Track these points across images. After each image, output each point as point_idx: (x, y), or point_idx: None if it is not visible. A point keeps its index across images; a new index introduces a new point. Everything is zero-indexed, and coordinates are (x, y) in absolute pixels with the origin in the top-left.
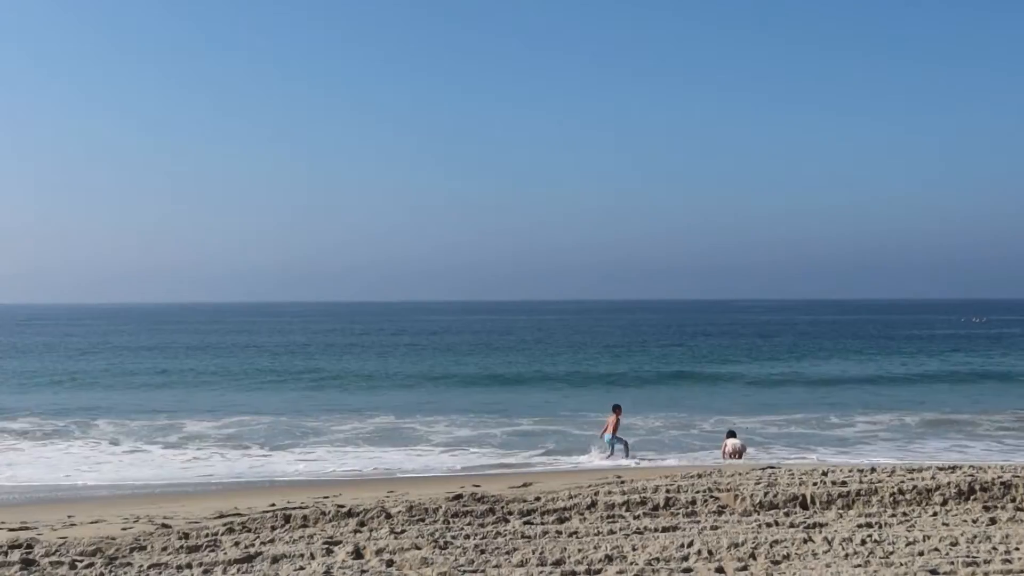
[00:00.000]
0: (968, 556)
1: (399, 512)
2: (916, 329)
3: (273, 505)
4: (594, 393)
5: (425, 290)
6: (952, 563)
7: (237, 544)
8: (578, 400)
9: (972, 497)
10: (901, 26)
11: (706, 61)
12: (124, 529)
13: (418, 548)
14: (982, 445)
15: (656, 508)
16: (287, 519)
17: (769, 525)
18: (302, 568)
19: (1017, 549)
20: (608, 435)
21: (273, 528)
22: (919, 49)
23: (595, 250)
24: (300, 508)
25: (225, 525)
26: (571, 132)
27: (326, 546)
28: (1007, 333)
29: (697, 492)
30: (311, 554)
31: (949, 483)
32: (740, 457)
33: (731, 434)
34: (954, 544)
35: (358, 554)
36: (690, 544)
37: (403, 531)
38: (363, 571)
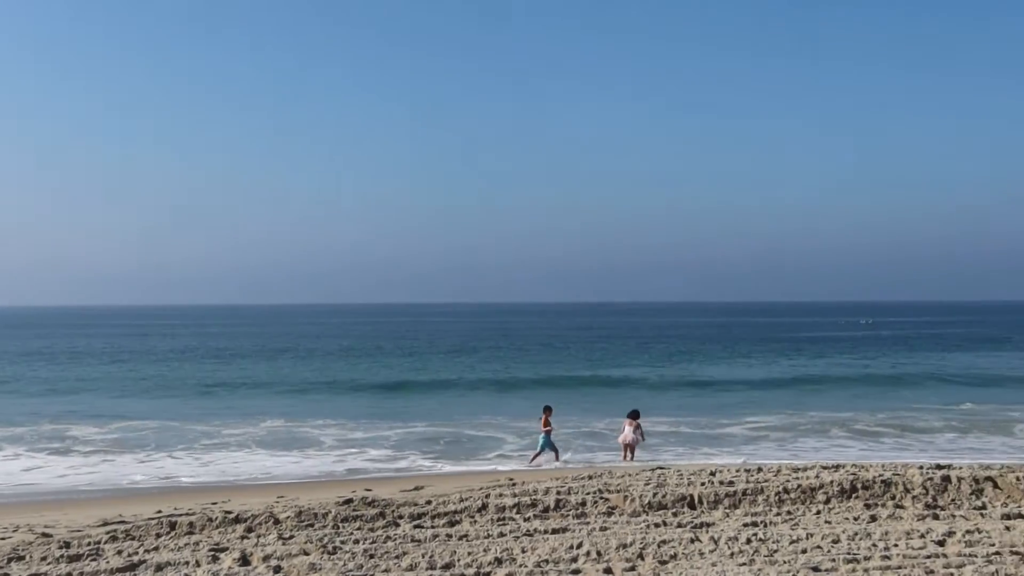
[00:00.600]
0: (849, 553)
1: (288, 517)
2: (806, 331)
3: (160, 512)
4: (489, 396)
5: (307, 293)
6: (834, 560)
7: (120, 552)
8: (473, 403)
9: (854, 495)
10: (746, 24)
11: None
12: (2, 539)
13: (306, 554)
14: (862, 445)
15: (546, 510)
16: (173, 526)
17: (657, 525)
18: None
19: (896, 545)
20: (542, 435)
21: (158, 535)
22: (766, 47)
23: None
24: (187, 515)
25: (108, 533)
26: (409, 127)
27: (212, 553)
28: (893, 335)
29: (587, 493)
30: (196, 561)
31: (832, 481)
32: (633, 451)
33: (633, 414)
34: (836, 541)
35: (245, 561)
36: (579, 545)
37: (291, 537)
38: None
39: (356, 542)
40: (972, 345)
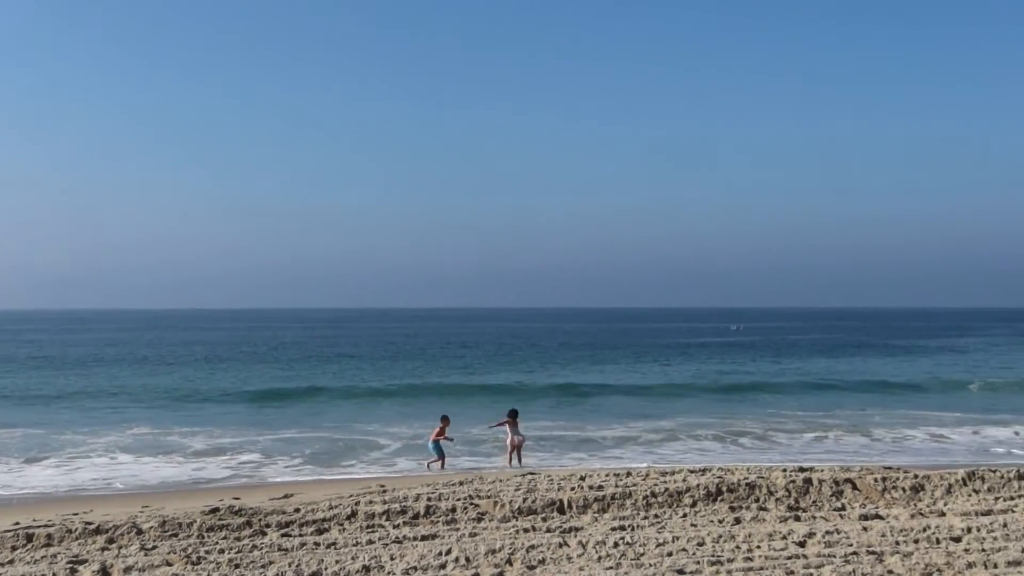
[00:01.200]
0: (713, 555)
1: (151, 527)
2: (678, 337)
3: (17, 523)
4: (359, 403)
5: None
6: (698, 563)
7: None
8: (345, 411)
9: (720, 498)
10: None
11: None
12: None
13: (169, 564)
14: (727, 448)
15: (416, 516)
16: (30, 538)
17: (527, 531)
18: None
19: (759, 547)
20: (431, 442)
21: (14, 548)
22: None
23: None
24: (45, 526)
25: None
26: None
27: (71, 565)
28: (761, 341)
29: (458, 499)
30: (53, 574)
31: (699, 485)
32: (519, 450)
33: (513, 413)
34: (701, 544)
35: (104, 573)
36: (448, 552)
37: (154, 547)
38: None
39: (221, 552)
40: (836, 351)
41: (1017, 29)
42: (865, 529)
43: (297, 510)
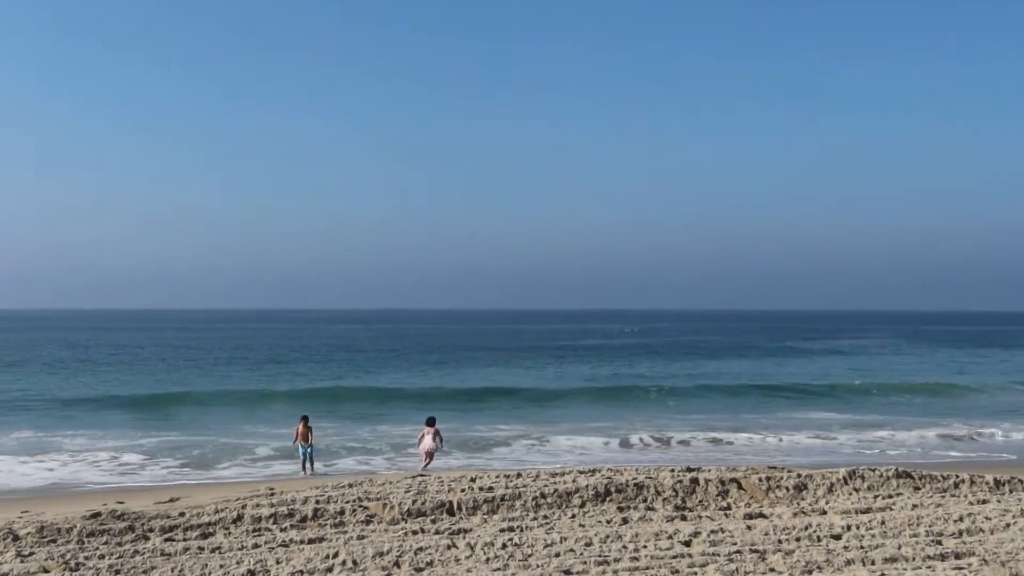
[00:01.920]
0: (600, 555)
1: (29, 533)
2: (571, 339)
3: None
4: (242, 407)
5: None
6: (585, 563)
7: None
8: (229, 413)
9: (608, 498)
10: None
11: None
12: None
13: (46, 571)
14: (617, 450)
15: (304, 520)
16: None
17: (415, 532)
18: None
19: (645, 547)
20: (301, 445)
21: None
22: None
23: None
24: None
25: None
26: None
27: None
28: (653, 342)
29: (347, 502)
30: None
31: (588, 486)
32: (432, 457)
33: (431, 421)
34: (588, 544)
35: None
36: (335, 555)
37: (31, 554)
38: None
39: (101, 557)
40: (723, 353)
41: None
42: (749, 528)
43: (182, 514)
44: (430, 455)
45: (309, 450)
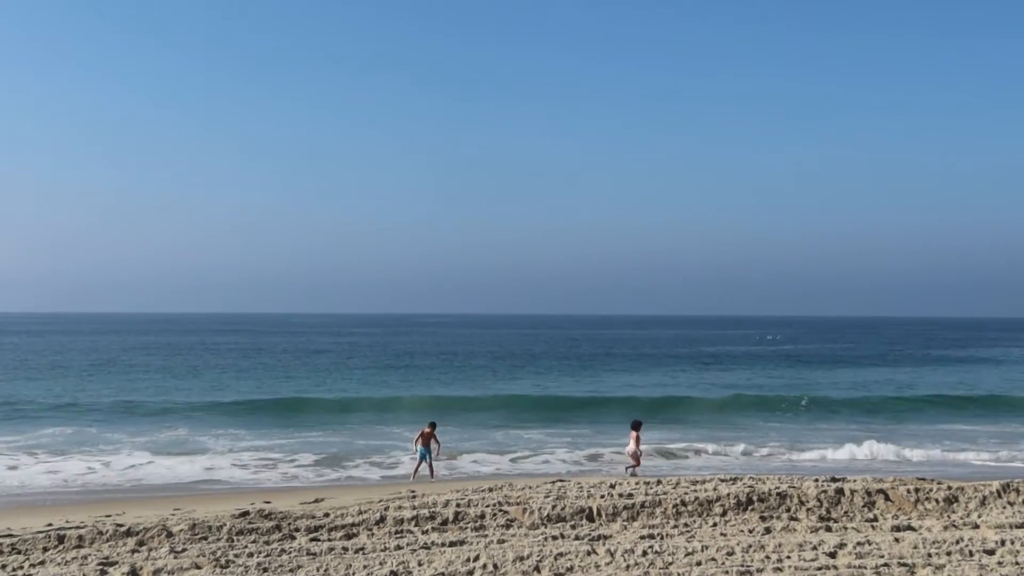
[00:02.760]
0: (743, 565)
1: (181, 530)
2: (710, 346)
3: (50, 525)
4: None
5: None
6: (727, 572)
7: (4, 567)
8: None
9: (750, 507)
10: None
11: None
12: None
13: (198, 567)
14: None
15: (445, 522)
16: (61, 539)
17: (555, 538)
18: None
19: (789, 557)
20: (421, 447)
21: (45, 549)
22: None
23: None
24: (76, 528)
25: None
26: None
27: (101, 567)
28: (795, 350)
29: (487, 506)
30: (84, 575)
31: (729, 494)
32: (638, 460)
33: (636, 425)
34: (730, 554)
35: (134, 574)
36: (476, 558)
37: (184, 550)
38: None
39: (250, 555)
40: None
41: None
42: (897, 540)
43: (327, 515)
44: (635, 457)
45: (428, 455)
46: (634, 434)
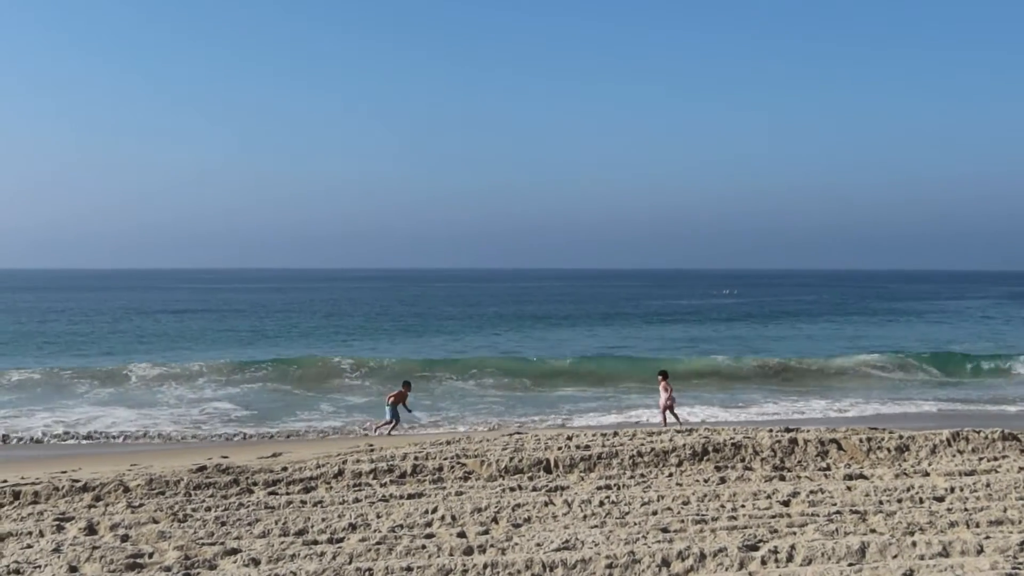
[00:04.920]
0: (698, 514)
1: (138, 485)
2: (664, 300)
3: (5, 481)
4: None
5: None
6: (683, 521)
7: None
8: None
9: (705, 458)
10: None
11: None
12: None
13: (156, 522)
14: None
15: (403, 475)
16: (16, 495)
17: (513, 489)
18: (30, 546)
19: (743, 506)
20: (391, 406)
21: (1, 505)
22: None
23: None
24: (32, 484)
25: None
26: None
27: (57, 523)
28: (751, 302)
29: (445, 459)
30: (40, 531)
31: (685, 445)
32: (672, 412)
33: (663, 374)
34: (686, 503)
35: (91, 530)
36: (434, 510)
37: (141, 505)
38: (95, 547)
39: (208, 509)
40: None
41: None
42: (849, 489)
43: (284, 468)
44: (668, 409)
45: (397, 416)
46: (664, 383)
